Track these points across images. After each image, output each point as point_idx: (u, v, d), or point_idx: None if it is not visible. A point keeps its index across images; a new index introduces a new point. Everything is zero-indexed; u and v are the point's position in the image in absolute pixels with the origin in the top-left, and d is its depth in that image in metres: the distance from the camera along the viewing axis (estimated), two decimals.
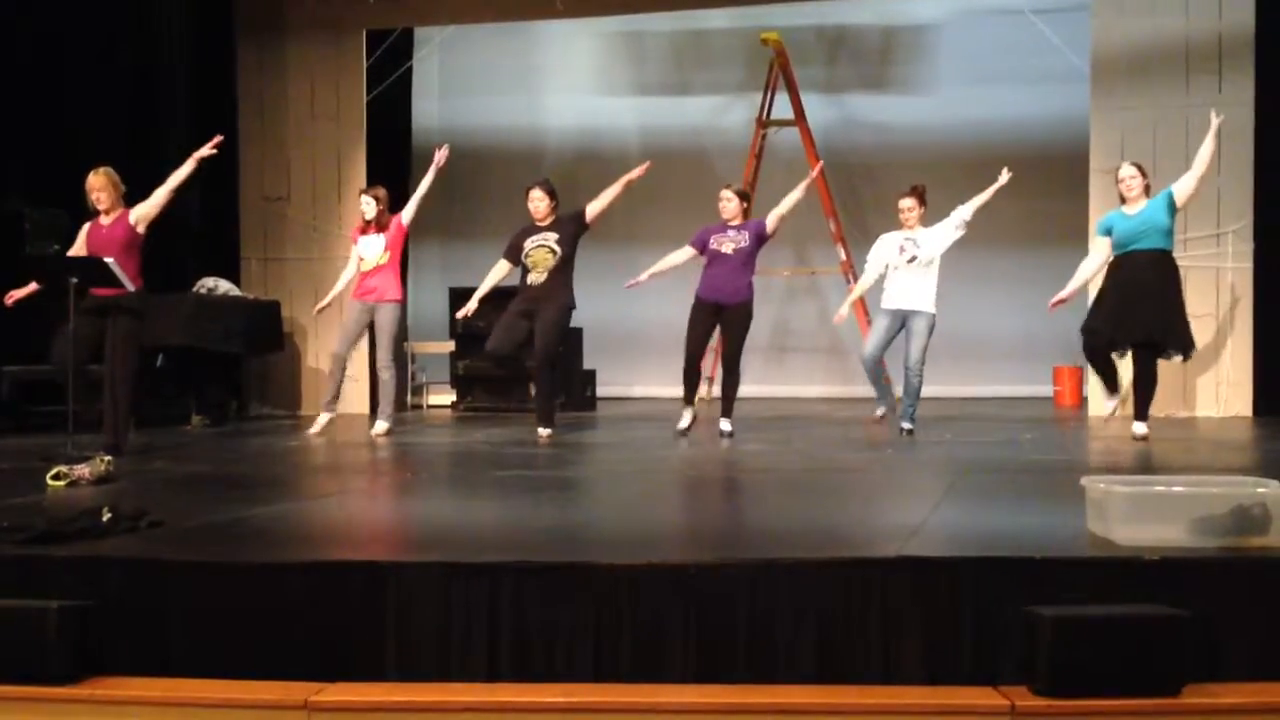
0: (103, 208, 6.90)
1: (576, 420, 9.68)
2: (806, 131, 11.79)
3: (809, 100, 12.01)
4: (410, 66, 12.07)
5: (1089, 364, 7.54)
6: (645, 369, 12.18)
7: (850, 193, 12.37)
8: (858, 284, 8.60)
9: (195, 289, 9.88)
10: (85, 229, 6.99)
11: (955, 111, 12.16)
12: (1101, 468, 6.20)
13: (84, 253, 6.89)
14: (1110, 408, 7.51)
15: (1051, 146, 11.27)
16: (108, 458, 5.68)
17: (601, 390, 11.63)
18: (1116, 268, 7.26)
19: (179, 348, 9.31)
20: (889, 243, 7.86)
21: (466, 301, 8.05)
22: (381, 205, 8.22)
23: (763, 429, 8.51)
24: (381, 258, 8.16)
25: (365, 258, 8.20)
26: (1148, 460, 6.43)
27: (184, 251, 10.13)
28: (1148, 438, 7.16)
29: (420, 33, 12.10)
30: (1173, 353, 7.28)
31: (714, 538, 4.34)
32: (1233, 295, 9.33)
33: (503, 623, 3.37)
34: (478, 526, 4.60)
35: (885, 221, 8.68)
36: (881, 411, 7.96)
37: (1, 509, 4.47)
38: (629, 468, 6.51)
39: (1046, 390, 11.44)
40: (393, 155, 11.85)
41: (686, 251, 7.82)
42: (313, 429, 8.11)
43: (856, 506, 5.00)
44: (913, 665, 3.32)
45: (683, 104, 12.87)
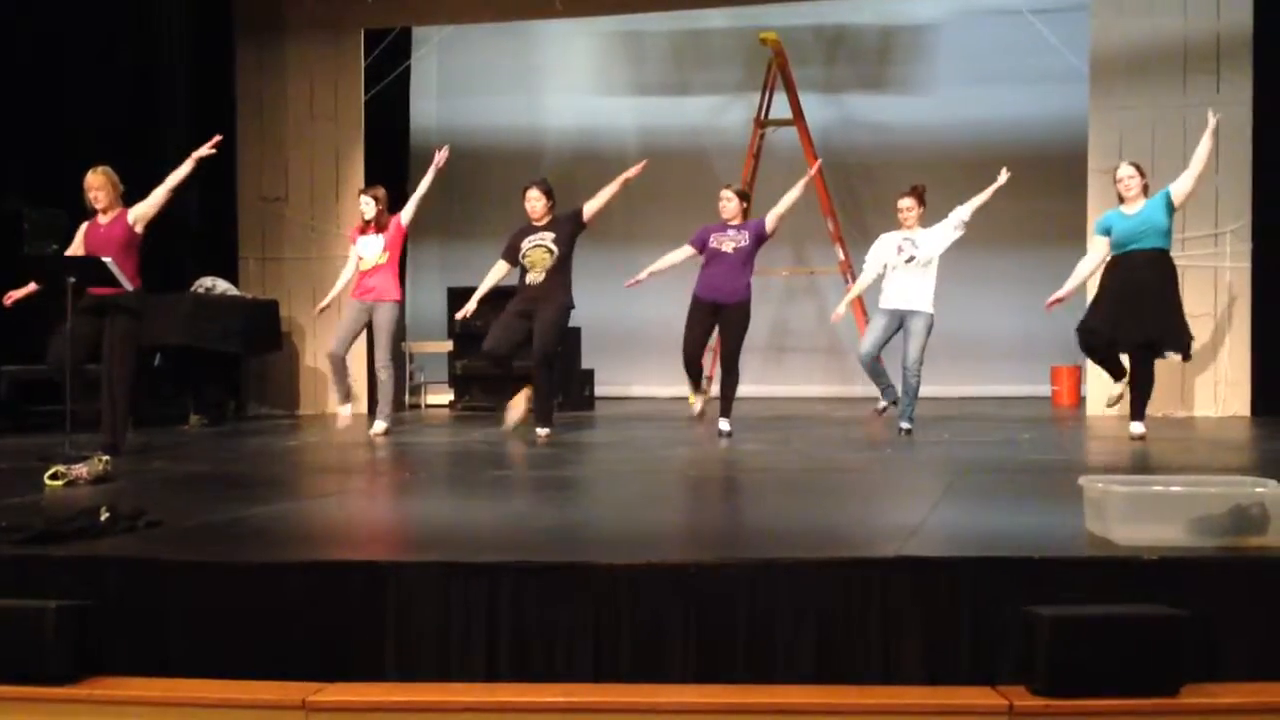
0: (100, 206, 6.89)
1: (575, 420, 9.68)
2: (805, 131, 11.80)
3: (807, 100, 12.02)
4: (409, 66, 12.08)
5: (1089, 359, 7.52)
6: (644, 369, 12.18)
7: (849, 192, 12.38)
8: (856, 283, 8.60)
9: (193, 288, 9.88)
10: (83, 228, 6.98)
11: (954, 111, 12.16)
12: (1100, 467, 6.21)
13: (82, 252, 6.88)
14: (1116, 393, 7.47)
15: (1050, 146, 11.27)
16: (106, 457, 5.68)
17: (600, 390, 11.63)
18: (1115, 267, 7.26)
19: (177, 347, 9.32)
20: (887, 243, 7.86)
21: (465, 301, 8.05)
22: (381, 205, 8.22)
23: (761, 429, 8.52)
24: (380, 258, 8.16)
25: (364, 257, 8.20)
26: (1146, 460, 6.43)
27: (182, 251, 10.14)
28: (1145, 437, 7.16)
29: (419, 32, 12.11)
30: (1171, 353, 7.28)
31: (713, 538, 4.34)
32: (1230, 295, 9.34)
33: (502, 622, 3.37)
34: (477, 526, 4.59)
35: (884, 221, 8.68)
36: (884, 405, 7.92)
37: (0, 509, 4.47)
38: (628, 467, 6.51)
39: (1045, 390, 11.45)
40: (391, 155, 11.87)
41: (686, 251, 7.82)
42: (339, 424, 8.19)
43: (856, 506, 5.00)
44: (912, 665, 3.32)
45: (681, 104, 12.87)
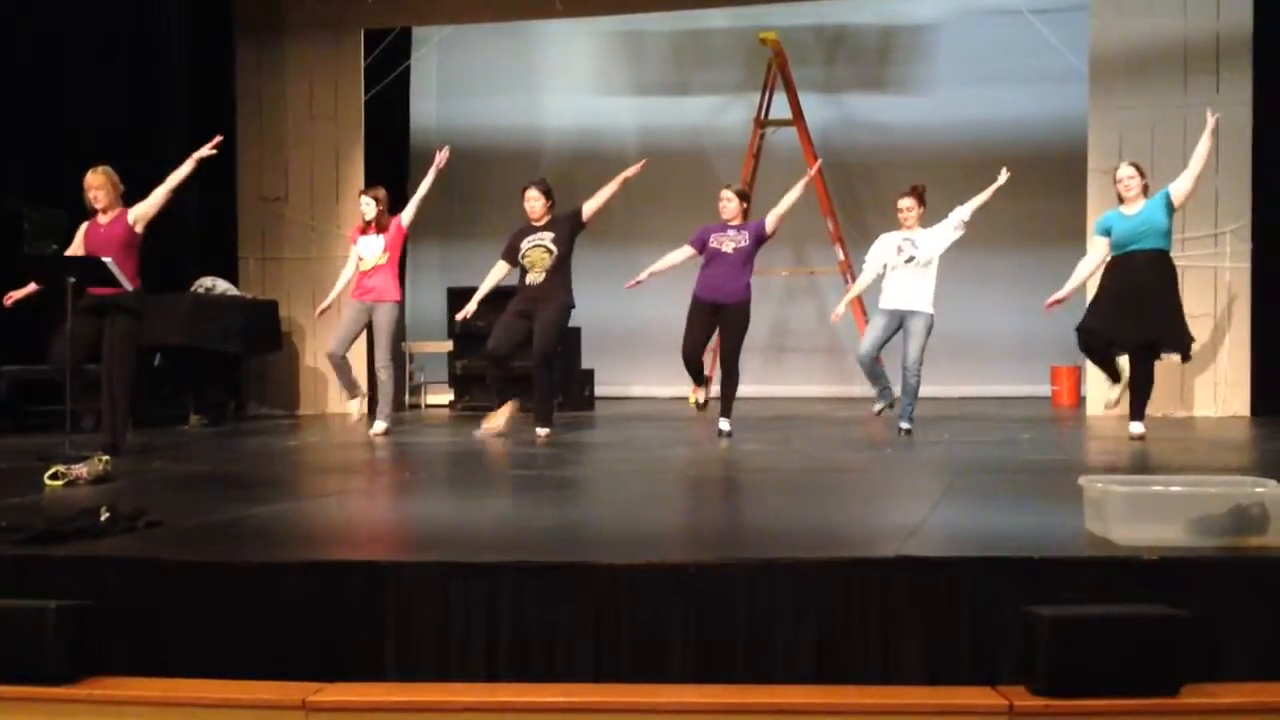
0: (99, 206, 6.89)
1: (575, 420, 9.68)
2: (805, 131, 11.80)
3: (807, 100, 12.02)
4: (409, 66, 12.08)
5: (1088, 359, 7.52)
6: (644, 369, 12.19)
7: (848, 192, 12.38)
8: (855, 283, 8.60)
9: (193, 289, 9.88)
10: (83, 228, 6.97)
11: (954, 111, 12.16)
12: (1099, 467, 6.20)
13: (82, 252, 6.88)
14: (1114, 397, 7.48)
15: (1050, 146, 11.27)
16: (106, 457, 5.68)
17: (600, 390, 11.63)
18: (1115, 268, 7.26)
19: (177, 347, 9.32)
20: (887, 243, 7.86)
21: (465, 301, 8.05)
22: (381, 206, 8.22)
23: (761, 429, 8.51)
24: (380, 258, 8.16)
25: (364, 258, 8.20)
26: (1146, 460, 6.43)
27: (182, 251, 10.14)
28: (1145, 437, 7.16)
29: (418, 32, 12.11)
30: (1170, 353, 7.28)
31: (713, 538, 4.34)
32: (1230, 295, 9.34)
33: (502, 622, 3.37)
34: (476, 526, 4.59)
35: (884, 221, 8.68)
36: (880, 407, 7.92)
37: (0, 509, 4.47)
38: (628, 467, 6.51)
39: (1044, 390, 11.45)
40: (391, 155, 11.87)
41: (686, 251, 7.82)
42: (352, 419, 8.43)
43: (855, 506, 5.00)
44: (911, 665, 3.32)
45: (681, 104, 12.87)
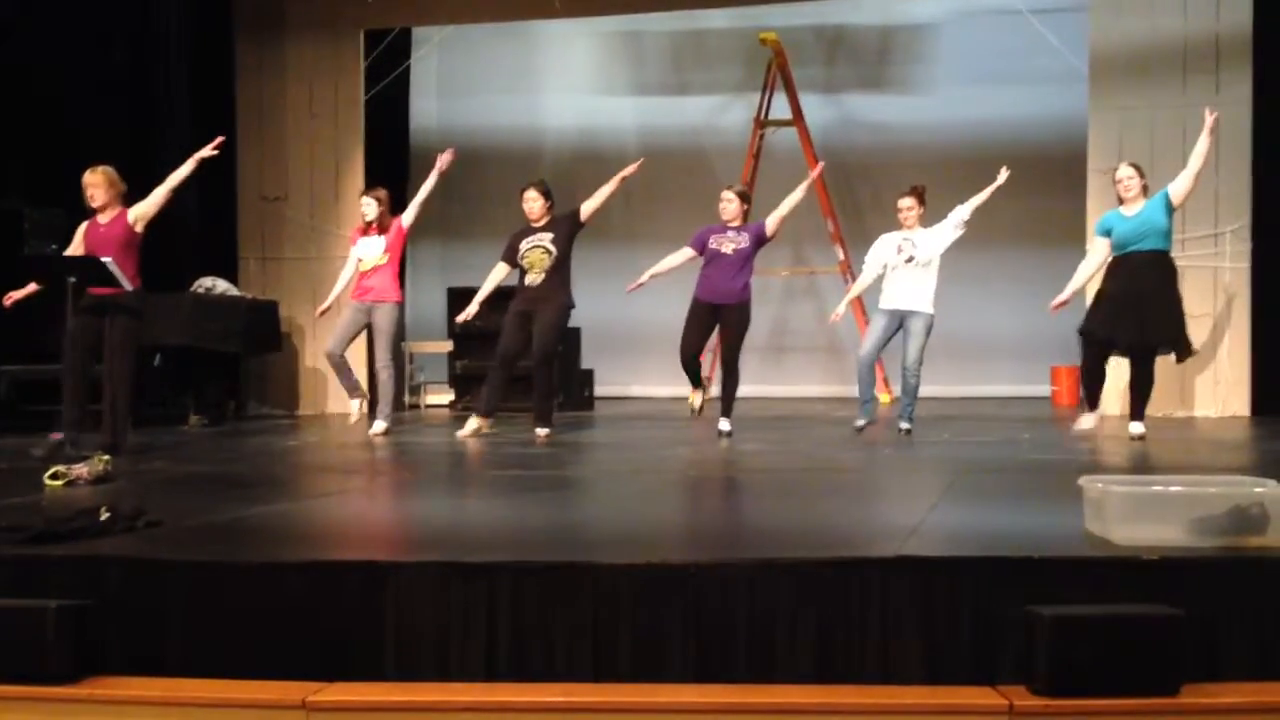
0: (96, 205, 6.89)
1: (575, 420, 9.68)
2: (805, 131, 11.81)
3: (807, 100, 12.03)
4: (409, 66, 12.09)
5: (1082, 372, 7.46)
6: (643, 369, 12.19)
7: (848, 193, 12.38)
8: (855, 283, 8.59)
9: (193, 288, 9.89)
10: (83, 228, 6.97)
11: (953, 112, 12.17)
12: (1099, 467, 6.20)
13: (81, 252, 6.88)
14: (1087, 426, 7.35)
15: (1049, 147, 11.28)
16: (106, 457, 5.68)
17: (600, 390, 11.63)
18: (1115, 269, 7.26)
19: (177, 347, 9.33)
20: (887, 243, 7.85)
21: (465, 301, 8.06)
22: (383, 207, 8.23)
23: (761, 429, 8.52)
24: (381, 259, 8.16)
25: (364, 258, 8.20)
26: (1145, 460, 6.43)
27: (182, 251, 10.13)
28: (1145, 437, 7.16)
29: (419, 32, 12.11)
30: (1167, 352, 7.27)
31: (713, 538, 4.34)
32: (1230, 295, 9.34)
33: (501, 622, 3.37)
34: (476, 526, 4.60)
35: (883, 221, 8.68)
36: (862, 424, 7.73)
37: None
38: (627, 467, 6.51)
39: (1044, 390, 11.45)
40: (391, 155, 11.88)
41: (686, 253, 7.82)
42: (352, 419, 8.32)
43: (855, 506, 5.00)
44: (911, 665, 3.32)
45: (681, 104, 12.88)
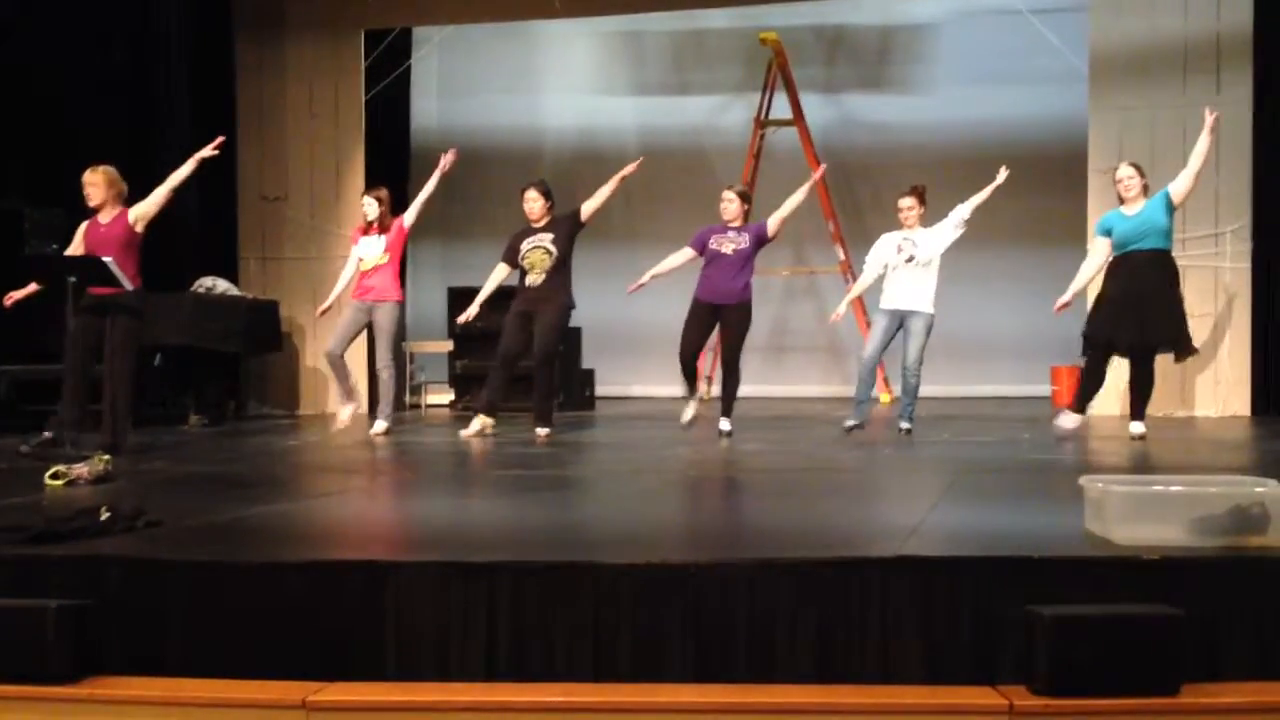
0: (93, 204, 6.90)
1: (575, 420, 9.68)
2: (805, 131, 11.82)
3: (807, 100, 12.03)
4: (409, 66, 12.09)
5: (1082, 374, 7.46)
6: (644, 368, 12.19)
7: (848, 193, 12.38)
8: (856, 284, 8.58)
9: (194, 288, 9.89)
10: (83, 228, 6.98)
11: (954, 111, 12.17)
12: (1100, 467, 6.21)
13: (82, 251, 6.88)
14: (1069, 426, 7.36)
15: (1049, 147, 11.27)
16: (106, 457, 5.68)
17: (600, 390, 11.64)
18: (1116, 268, 7.26)
19: (177, 347, 9.33)
20: (888, 243, 7.85)
21: (465, 301, 8.07)
22: (384, 206, 8.23)
23: (761, 428, 8.51)
24: (381, 258, 8.16)
25: (365, 258, 8.20)
26: (1146, 460, 6.43)
27: (183, 251, 10.13)
28: (1145, 437, 7.16)
29: (419, 32, 12.12)
30: (1166, 349, 7.27)
31: (713, 538, 4.34)
32: (1230, 295, 9.34)
33: (502, 622, 3.37)
34: (476, 526, 4.60)
35: (884, 221, 8.68)
36: (851, 424, 7.67)
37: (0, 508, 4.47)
38: (628, 467, 6.51)
39: (1044, 390, 11.43)
40: (391, 155, 11.89)
41: (686, 253, 7.82)
42: (340, 424, 8.18)
43: (855, 506, 5.00)
44: (911, 665, 3.32)
45: (681, 104, 12.88)
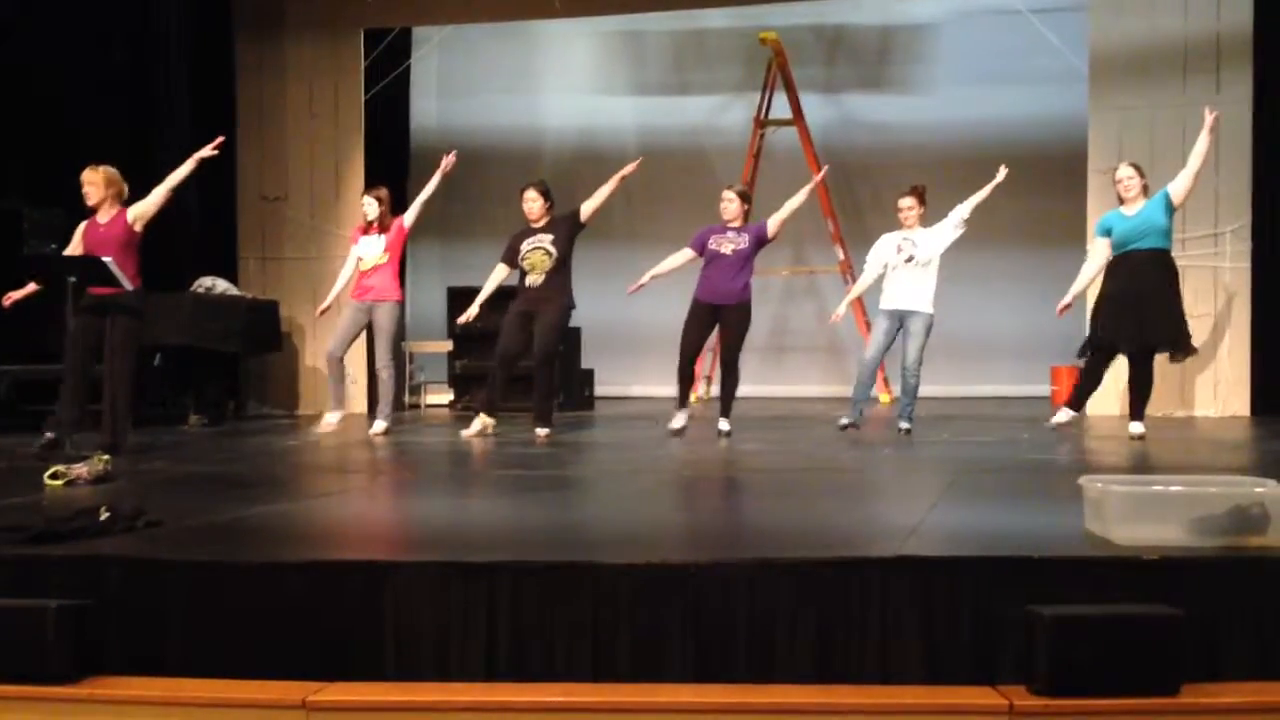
0: (91, 203, 6.90)
1: (575, 420, 9.68)
2: (805, 131, 11.82)
3: (807, 100, 12.03)
4: (409, 66, 12.09)
5: (1082, 373, 7.47)
6: (644, 368, 12.19)
7: (848, 193, 12.38)
8: (856, 284, 8.59)
9: (193, 288, 9.89)
10: (82, 227, 6.97)
11: (953, 111, 12.17)
12: (1099, 467, 6.21)
13: (81, 251, 6.88)
14: (1062, 420, 7.40)
15: (1049, 147, 11.27)
16: (106, 457, 5.68)
17: (600, 390, 11.64)
18: (1115, 268, 7.26)
19: (177, 347, 9.33)
20: (888, 243, 7.85)
21: (465, 301, 8.07)
22: (384, 206, 8.23)
23: (761, 428, 8.51)
24: (381, 258, 8.16)
25: (364, 258, 8.20)
26: (1145, 460, 6.43)
27: (182, 251, 10.13)
28: (1145, 437, 7.17)
29: (418, 32, 12.12)
30: (1166, 349, 7.27)
31: (713, 537, 4.34)
32: (1230, 295, 9.34)
33: (501, 622, 3.37)
34: (476, 526, 4.60)
35: (883, 221, 8.68)
36: (845, 422, 7.65)
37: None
38: (627, 467, 6.50)
39: (1044, 390, 11.43)
40: (391, 155, 11.89)
41: (686, 254, 7.82)
42: (323, 427, 8.11)
43: (855, 506, 5.00)
44: (911, 665, 3.32)
45: (681, 104, 12.88)
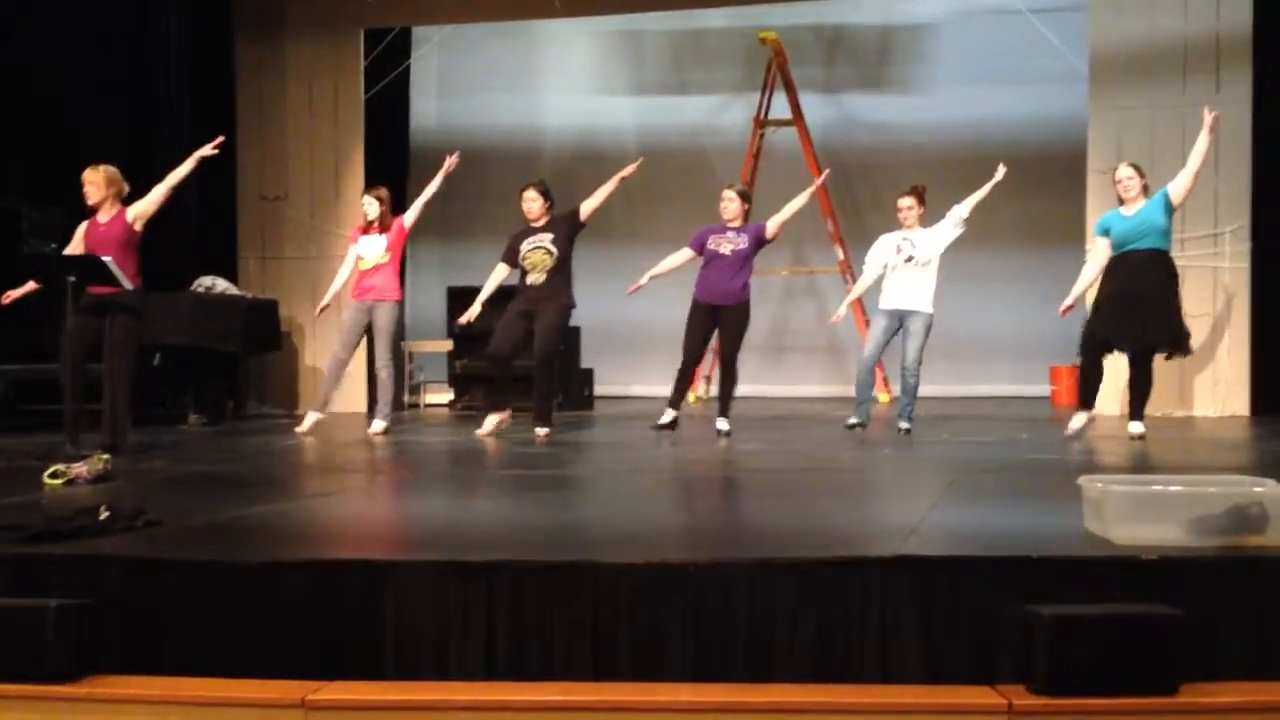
0: (92, 202, 6.91)
1: (574, 419, 9.68)
2: (804, 131, 11.82)
3: (807, 100, 12.03)
4: (408, 66, 12.08)
5: (1080, 371, 7.48)
6: (643, 368, 12.16)
7: (848, 192, 12.38)
8: (856, 284, 8.59)
9: (193, 288, 9.89)
10: (83, 227, 6.98)
11: (953, 111, 12.16)
12: (1099, 467, 6.21)
13: (81, 251, 6.89)
14: (1078, 426, 7.36)
15: (1049, 147, 11.27)
16: (105, 456, 5.68)
17: (599, 389, 11.64)
18: (1114, 268, 7.26)
19: (177, 346, 9.33)
20: (887, 243, 7.86)
21: (464, 300, 8.07)
22: (384, 206, 8.23)
23: (760, 428, 8.51)
24: (382, 258, 8.16)
25: (365, 257, 8.20)
26: (1145, 459, 6.43)
27: (182, 250, 10.13)
28: (1144, 437, 7.17)
29: (418, 32, 12.11)
30: (1165, 349, 7.27)
31: (712, 537, 4.34)
32: (1229, 295, 9.34)
33: (501, 622, 3.37)
34: (475, 525, 4.60)
35: (883, 221, 8.67)
36: (853, 422, 7.71)
37: None
38: (626, 467, 6.51)
39: (1043, 390, 11.46)
40: (391, 155, 11.88)
41: (685, 254, 7.83)
42: (301, 427, 8.09)
43: (855, 506, 5.00)
44: (911, 664, 3.32)
45: (681, 103, 12.87)
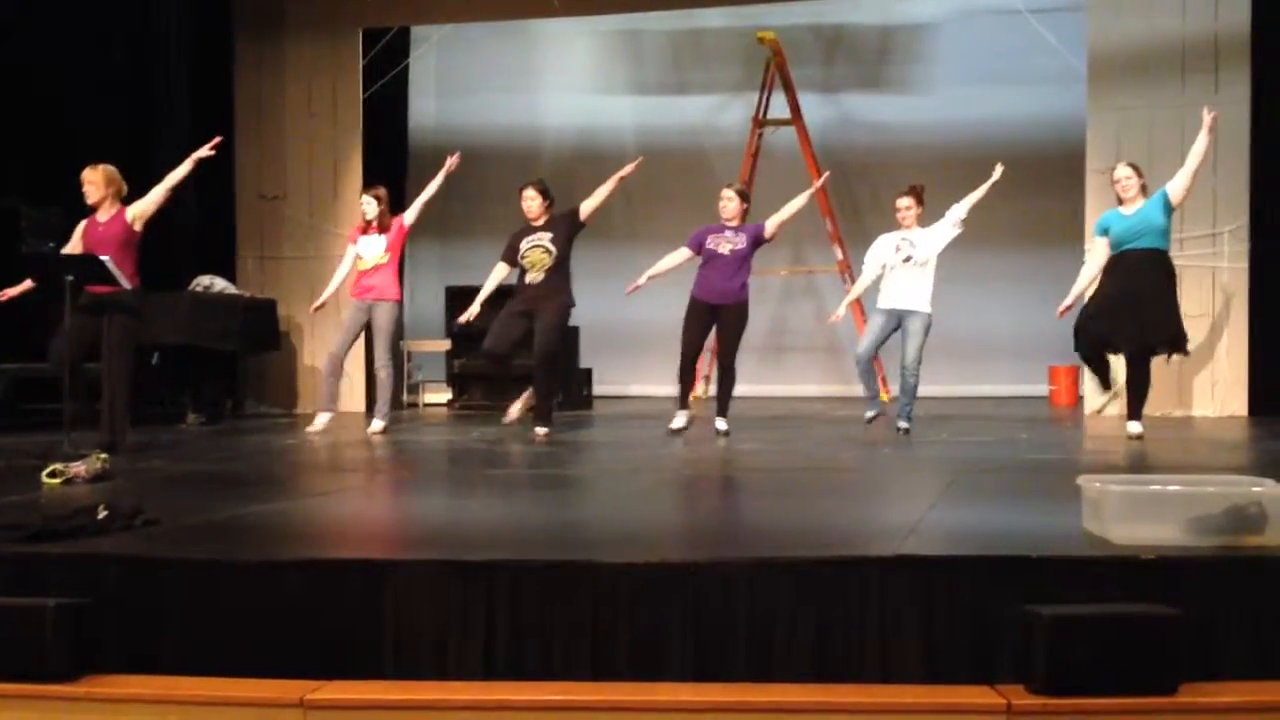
0: (91, 201, 6.91)
1: (574, 419, 9.68)
2: (803, 131, 11.81)
3: (806, 100, 12.03)
4: (407, 65, 12.08)
5: (1083, 362, 7.56)
6: (642, 367, 12.19)
7: (847, 192, 12.37)
8: (855, 285, 8.59)
9: (192, 287, 9.88)
10: (81, 226, 6.98)
11: (952, 111, 12.16)
12: (1097, 467, 6.20)
13: (80, 250, 6.89)
14: (1103, 402, 7.52)
15: (1048, 147, 11.27)
16: (104, 455, 5.68)
17: (599, 389, 11.64)
18: (1112, 267, 7.26)
19: (175, 346, 9.33)
20: (886, 243, 7.86)
21: (464, 300, 8.07)
22: (383, 205, 8.23)
23: (759, 428, 8.51)
24: (381, 258, 8.16)
25: (364, 257, 8.20)
26: (1143, 459, 6.44)
27: (181, 250, 10.12)
28: (1143, 437, 7.17)
29: (417, 31, 12.10)
30: (1164, 350, 7.28)
31: (712, 537, 4.34)
32: (1228, 295, 9.34)
33: (500, 621, 3.37)
34: (475, 525, 4.60)
35: (882, 221, 8.67)
36: (872, 415, 7.85)
37: None
38: (626, 466, 6.51)
39: (1042, 389, 11.46)
40: (390, 154, 11.88)
41: (683, 253, 7.83)
42: (313, 427, 8.08)
43: (854, 505, 5.00)
44: (910, 664, 3.32)
45: (680, 103, 12.87)
